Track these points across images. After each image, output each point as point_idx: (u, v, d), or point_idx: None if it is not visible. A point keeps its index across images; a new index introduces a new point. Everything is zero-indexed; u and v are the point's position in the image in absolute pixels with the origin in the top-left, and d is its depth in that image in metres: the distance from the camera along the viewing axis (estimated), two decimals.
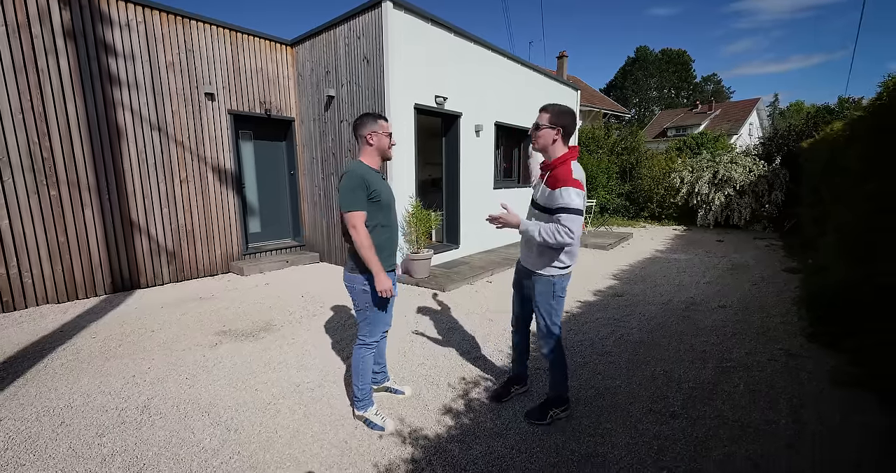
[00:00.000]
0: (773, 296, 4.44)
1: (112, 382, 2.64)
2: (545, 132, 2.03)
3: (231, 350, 3.15)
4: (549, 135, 2.02)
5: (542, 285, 2.10)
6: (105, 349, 3.14)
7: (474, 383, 2.63)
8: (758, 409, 2.33)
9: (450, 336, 3.41)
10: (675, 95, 41.39)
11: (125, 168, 4.70)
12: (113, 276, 4.69)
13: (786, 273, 5.48)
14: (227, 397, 2.47)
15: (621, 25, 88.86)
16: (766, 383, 2.62)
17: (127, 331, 3.51)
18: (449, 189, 6.20)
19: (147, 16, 4.74)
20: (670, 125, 29.12)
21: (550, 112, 2.03)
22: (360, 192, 1.98)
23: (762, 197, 9.23)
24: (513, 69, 7.02)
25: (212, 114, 5.36)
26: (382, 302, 2.10)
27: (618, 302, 4.29)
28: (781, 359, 2.95)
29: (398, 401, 2.42)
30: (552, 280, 2.07)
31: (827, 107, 17.72)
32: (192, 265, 5.34)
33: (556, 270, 2.06)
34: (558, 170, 1.99)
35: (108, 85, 4.50)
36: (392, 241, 2.15)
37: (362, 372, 2.15)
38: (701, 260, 6.39)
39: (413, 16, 5.08)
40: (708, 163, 9.98)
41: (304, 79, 6.01)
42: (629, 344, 3.26)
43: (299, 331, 3.51)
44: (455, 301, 4.37)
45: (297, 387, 2.58)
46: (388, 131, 2.12)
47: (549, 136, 2.02)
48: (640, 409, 2.33)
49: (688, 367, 2.86)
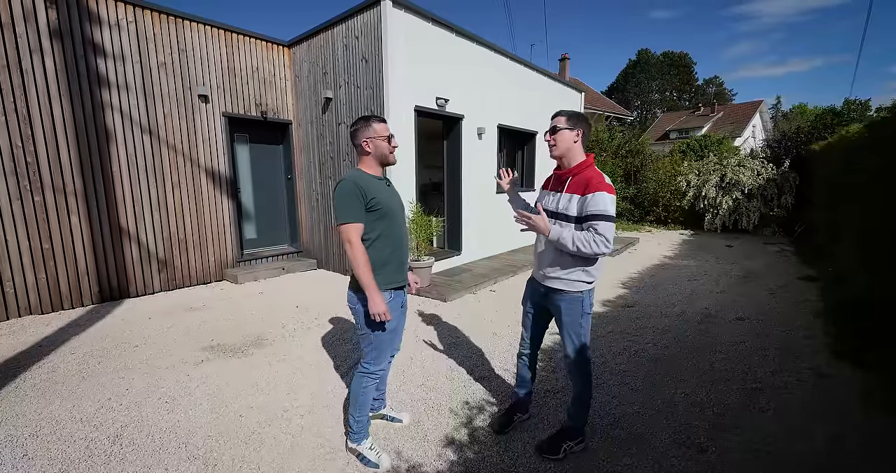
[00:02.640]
0: (792, 308, 4.21)
1: (85, 406, 2.43)
2: (564, 134, 1.85)
3: (217, 368, 2.94)
4: (569, 138, 1.85)
5: (568, 303, 1.89)
6: (83, 367, 2.94)
7: (479, 408, 2.41)
8: (793, 440, 2.11)
9: (452, 352, 3.20)
10: (677, 98, 41.21)
11: (114, 172, 4.51)
12: (101, 285, 4.49)
13: (802, 281, 5.25)
14: (207, 424, 2.26)
15: (622, 28, 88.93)
16: (798, 407, 2.40)
17: (109, 346, 3.30)
18: (450, 193, 6.00)
19: (138, 15, 4.57)
20: (672, 128, 28.92)
21: (566, 115, 1.90)
22: (354, 202, 1.77)
23: (771, 200, 9.01)
24: (516, 70, 6.83)
25: (206, 116, 5.18)
26: (389, 324, 1.87)
27: (629, 314, 4.07)
28: (810, 380, 2.73)
29: (395, 431, 2.20)
30: (580, 296, 1.87)
31: (833, 109, 17.47)
32: (184, 273, 5.14)
33: (583, 285, 1.86)
34: (584, 174, 1.82)
35: (96, 86, 4.32)
36: (398, 254, 1.91)
37: (361, 404, 1.93)
38: (712, 266, 6.16)
39: (413, 15, 4.90)
40: (715, 167, 9.76)
41: (302, 81, 5.83)
42: (644, 361, 3.04)
43: (291, 347, 3.29)
44: (457, 312, 4.15)
45: (284, 413, 2.37)
46: (384, 134, 1.89)
47: (569, 139, 1.85)
48: (662, 441, 2.11)
49: (710, 389, 2.64)
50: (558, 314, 1.94)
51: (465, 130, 5.82)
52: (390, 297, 1.89)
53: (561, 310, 1.91)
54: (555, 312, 1.97)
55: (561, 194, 1.87)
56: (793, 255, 6.92)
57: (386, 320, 1.79)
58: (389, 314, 1.80)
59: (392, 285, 1.89)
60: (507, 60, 6.58)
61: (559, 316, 1.94)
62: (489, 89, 6.21)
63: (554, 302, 1.94)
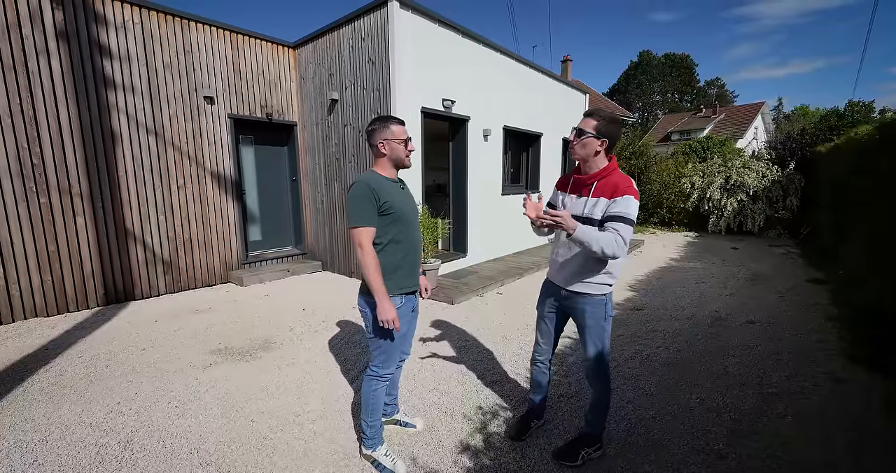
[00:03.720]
0: (803, 311, 4.18)
1: (95, 411, 2.40)
2: (589, 141, 1.76)
3: (226, 372, 2.91)
4: (593, 146, 1.76)
5: (593, 307, 1.85)
6: (90, 371, 2.91)
7: (492, 413, 2.38)
8: (812, 447, 2.07)
9: (462, 356, 3.17)
10: (679, 99, 41.24)
11: (120, 174, 4.49)
12: (106, 287, 4.47)
13: (810, 284, 5.21)
14: (218, 430, 2.23)
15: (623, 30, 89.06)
16: (816, 414, 2.36)
17: (116, 350, 3.28)
18: (456, 195, 5.97)
19: (144, 16, 4.56)
20: (674, 129, 28.91)
21: (598, 119, 1.76)
22: (367, 205, 1.75)
23: (776, 202, 8.98)
24: (521, 72, 6.82)
25: (211, 118, 5.17)
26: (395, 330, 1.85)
27: (639, 317, 4.03)
28: (827, 385, 2.69)
29: (409, 436, 2.17)
30: (604, 299, 1.84)
31: (836, 110, 17.44)
32: (189, 275, 5.12)
33: (607, 288, 1.84)
34: (611, 178, 1.76)
35: (102, 88, 4.31)
36: (410, 259, 1.88)
37: (373, 408, 1.90)
38: (718, 269, 6.12)
39: (420, 16, 4.89)
40: (720, 168, 9.73)
41: (307, 83, 5.82)
42: (657, 365, 3.01)
43: (300, 350, 3.27)
44: (465, 315, 4.12)
45: (296, 418, 2.34)
46: (401, 138, 1.87)
47: (592, 147, 1.76)
48: (681, 447, 2.08)
49: (725, 394, 2.61)
50: (582, 318, 1.90)
51: (470, 132, 5.80)
52: (401, 302, 1.86)
53: (585, 314, 1.88)
54: (577, 316, 1.93)
55: (587, 199, 1.80)
56: (799, 257, 6.89)
57: (394, 328, 1.76)
58: (399, 321, 1.78)
59: (403, 290, 1.87)
60: (513, 62, 6.56)
61: (583, 320, 1.90)
62: (494, 90, 6.19)
63: (577, 306, 1.90)
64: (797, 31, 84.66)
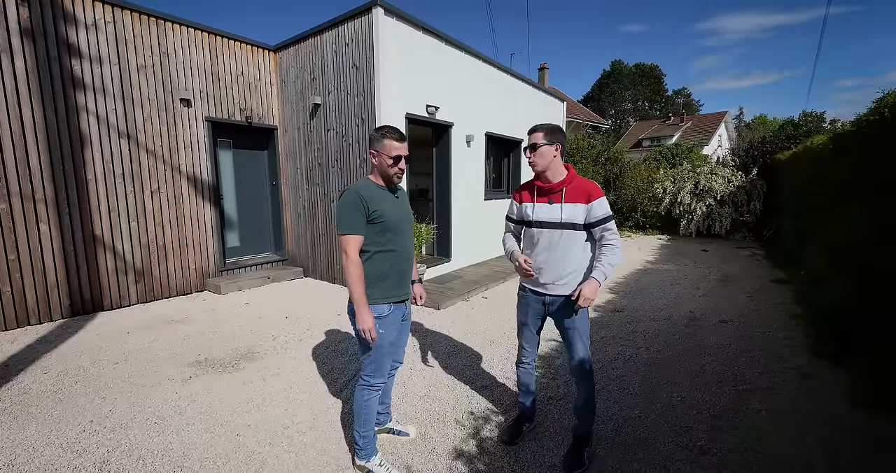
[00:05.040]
0: (770, 309, 4.42)
1: (65, 430, 2.27)
2: (545, 150, 1.92)
3: (207, 384, 2.81)
4: (550, 153, 1.93)
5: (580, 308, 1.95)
6: (58, 387, 2.75)
7: (484, 418, 2.40)
8: (787, 440, 2.19)
9: (450, 361, 3.18)
10: (649, 107, 42.88)
11: (88, 178, 4.28)
12: (72, 298, 4.23)
13: (775, 284, 5.52)
14: (203, 445, 2.15)
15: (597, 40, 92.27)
16: (788, 408, 2.50)
17: (85, 364, 3.10)
18: (440, 200, 6.00)
19: (117, 15, 4.39)
20: (645, 136, 30.03)
21: (543, 131, 1.94)
22: (355, 213, 1.74)
23: (741, 206, 9.45)
24: (502, 79, 6.95)
25: (188, 121, 5.01)
26: (389, 337, 1.85)
27: (619, 319, 4.16)
28: (795, 380, 2.86)
29: (402, 444, 2.16)
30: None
31: (792, 120, 18.58)
32: (163, 283, 4.91)
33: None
34: (579, 183, 1.93)
35: (70, 88, 4.11)
36: (399, 268, 1.88)
37: (365, 418, 1.88)
38: (691, 271, 6.39)
39: (404, 23, 4.91)
40: (689, 174, 10.18)
41: (288, 86, 5.73)
42: (639, 365, 3.11)
43: (285, 360, 3.19)
44: (451, 320, 4.14)
45: (285, 430, 2.29)
46: (391, 154, 1.80)
47: (549, 154, 1.93)
48: (666, 445, 2.16)
49: (703, 391, 2.72)
50: (569, 320, 1.96)
51: (454, 138, 5.85)
52: (389, 310, 1.86)
53: (572, 316, 1.94)
54: (562, 319, 1.99)
55: (561, 205, 1.92)
56: (763, 259, 7.27)
57: (370, 338, 1.74)
58: (388, 328, 1.83)
59: (391, 299, 1.86)
60: (494, 69, 6.68)
61: (570, 322, 1.96)
62: (477, 97, 6.28)
63: (562, 309, 1.97)
64: (756, 46, 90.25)
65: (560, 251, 1.93)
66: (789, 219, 6.91)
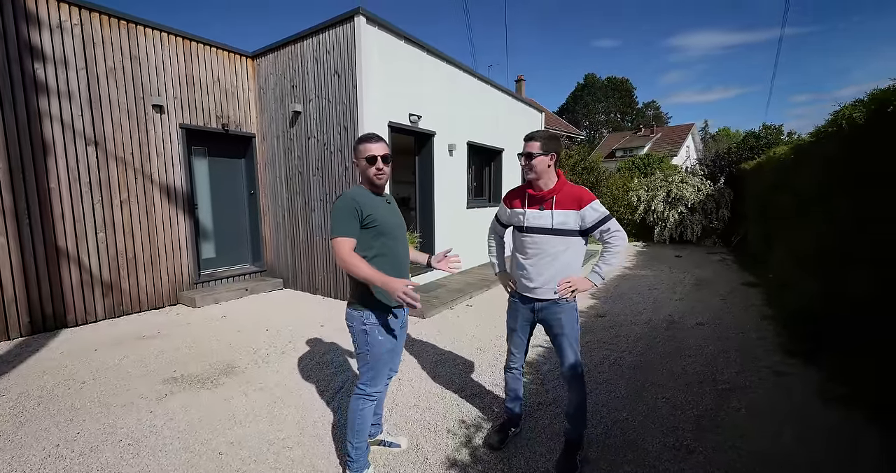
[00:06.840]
0: (742, 311, 4.61)
1: (28, 456, 2.10)
2: (540, 160, 1.94)
3: (184, 402, 2.67)
4: (545, 163, 1.95)
5: (568, 312, 1.98)
6: (19, 411, 2.55)
7: (476, 426, 2.38)
8: (767, 437, 2.28)
9: (438, 370, 3.14)
10: (621, 119, 44.57)
11: (51, 187, 4.05)
12: (32, 314, 3.96)
13: (745, 287, 5.78)
14: (182, 466, 2.03)
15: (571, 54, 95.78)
16: (766, 405, 2.60)
17: (49, 385, 2.89)
18: (423, 209, 6.00)
19: (84, 17, 4.22)
20: (618, 147, 31.12)
21: (540, 139, 1.94)
22: (348, 217, 1.73)
23: (711, 214, 9.89)
24: (483, 90, 7.08)
25: (160, 128, 4.84)
26: (387, 344, 1.82)
27: (602, 324, 4.24)
28: (770, 378, 2.98)
29: (395, 456, 2.11)
30: (575, 305, 2.00)
31: (753, 132, 19.73)
32: (132, 297, 4.67)
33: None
34: (569, 190, 1.96)
35: (32, 93, 3.90)
36: (395, 274, 1.82)
37: (359, 429, 1.83)
38: (667, 276, 6.61)
39: (386, 32, 4.95)
40: (661, 183, 10.59)
41: (267, 94, 5.64)
42: (624, 368, 3.17)
43: (268, 374, 3.08)
44: (438, 328, 4.11)
45: (270, 446, 2.19)
46: (364, 155, 1.80)
47: (544, 164, 1.95)
48: (654, 446, 2.20)
49: (686, 392, 2.80)
50: (558, 325, 1.99)
51: (436, 146, 5.89)
52: (387, 316, 1.84)
53: (562, 321, 1.97)
54: (553, 325, 2.01)
55: (552, 212, 1.95)
56: (733, 263, 7.61)
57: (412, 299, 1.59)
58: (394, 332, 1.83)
59: (392, 304, 1.84)
60: (475, 80, 6.80)
61: (559, 327, 1.99)
62: (459, 107, 6.36)
63: (552, 314, 1.99)
64: (717, 62, 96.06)
65: (549, 257, 1.96)
66: (755, 225, 7.27)
